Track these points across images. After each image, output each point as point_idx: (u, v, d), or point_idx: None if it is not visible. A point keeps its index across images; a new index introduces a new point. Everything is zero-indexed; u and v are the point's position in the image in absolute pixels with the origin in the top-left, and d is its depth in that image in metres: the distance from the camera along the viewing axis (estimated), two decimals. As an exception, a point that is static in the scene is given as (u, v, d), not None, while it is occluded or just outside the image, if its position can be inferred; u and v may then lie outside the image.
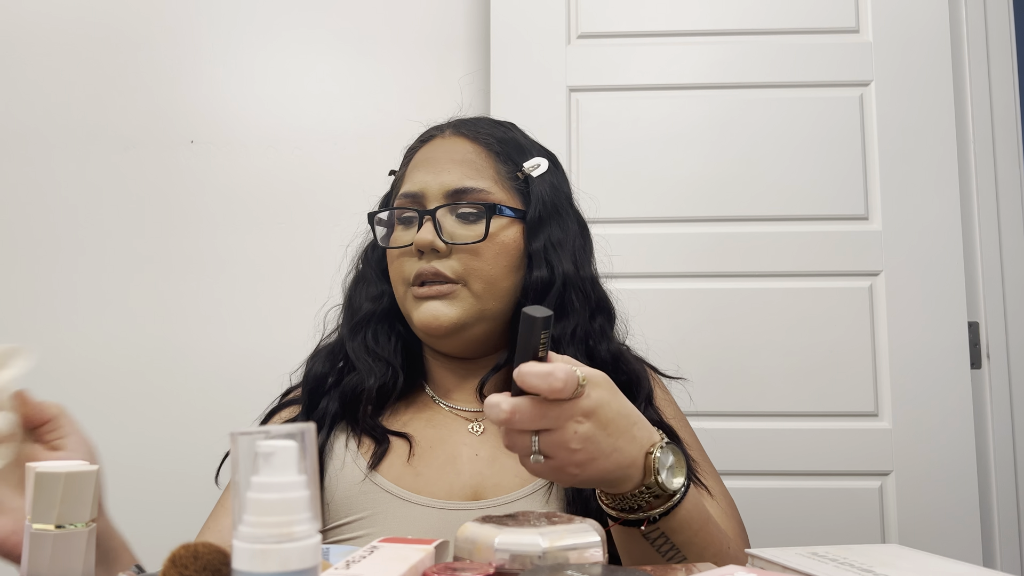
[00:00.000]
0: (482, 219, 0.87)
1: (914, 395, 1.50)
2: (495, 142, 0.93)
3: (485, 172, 0.90)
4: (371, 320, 0.93)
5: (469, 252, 0.87)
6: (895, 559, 0.56)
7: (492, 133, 0.94)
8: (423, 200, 0.89)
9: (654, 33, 1.62)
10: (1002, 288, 1.61)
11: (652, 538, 0.67)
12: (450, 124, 0.96)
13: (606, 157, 1.58)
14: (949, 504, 1.48)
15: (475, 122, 0.96)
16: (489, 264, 0.87)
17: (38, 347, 1.67)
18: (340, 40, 1.71)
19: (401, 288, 0.90)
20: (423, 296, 0.87)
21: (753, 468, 1.51)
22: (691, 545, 0.68)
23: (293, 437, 0.40)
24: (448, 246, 0.86)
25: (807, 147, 1.57)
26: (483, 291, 0.87)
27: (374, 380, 0.89)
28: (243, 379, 1.60)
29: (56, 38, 1.71)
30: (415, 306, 0.87)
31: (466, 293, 0.87)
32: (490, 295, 0.88)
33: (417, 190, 0.89)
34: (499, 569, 0.53)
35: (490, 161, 0.91)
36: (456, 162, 0.90)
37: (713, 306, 1.55)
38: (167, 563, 0.43)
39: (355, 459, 0.86)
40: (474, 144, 0.92)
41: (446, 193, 0.88)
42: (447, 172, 0.89)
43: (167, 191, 1.67)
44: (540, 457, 0.60)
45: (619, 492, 0.65)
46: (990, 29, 1.67)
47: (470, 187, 0.88)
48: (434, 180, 0.89)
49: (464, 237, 0.87)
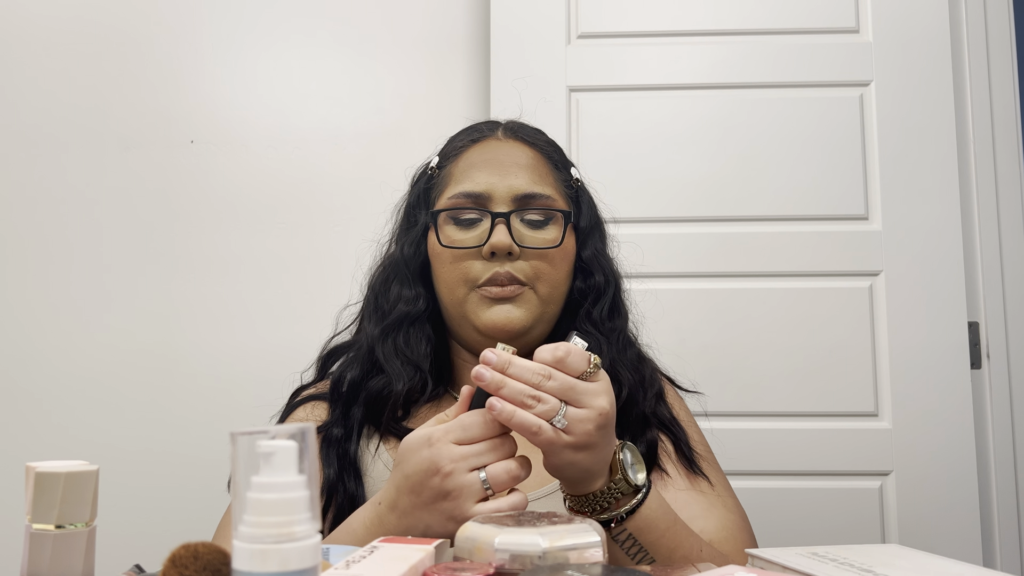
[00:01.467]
0: (548, 224, 0.88)
1: (914, 395, 1.50)
2: (551, 149, 0.95)
3: (547, 179, 0.91)
4: (404, 322, 0.91)
5: (539, 256, 0.87)
6: (895, 559, 0.56)
7: (543, 139, 0.96)
8: (487, 202, 0.88)
9: (654, 33, 1.62)
10: (1002, 288, 1.61)
11: (620, 540, 0.69)
12: (501, 126, 0.96)
13: (606, 157, 1.58)
14: (949, 504, 1.48)
15: (524, 127, 0.97)
16: (556, 269, 0.88)
17: (38, 347, 1.68)
18: (341, 40, 1.71)
19: (462, 289, 0.87)
20: (496, 297, 0.86)
21: (753, 468, 1.51)
22: (658, 546, 0.70)
23: (293, 437, 0.40)
24: (520, 250, 0.86)
25: (807, 147, 1.57)
26: (548, 295, 0.88)
27: (403, 385, 0.87)
28: (244, 379, 1.60)
29: (56, 38, 1.71)
30: (484, 307, 0.86)
31: (532, 296, 0.87)
32: (551, 299, 0.89)
33: (482, 191, 0.88)
34: (499, 569, 0.53)
35: (548, 167, 0.93)
36: (521, 166, 0.90)
37: (713, 306, 1.55)
38: (167, 563, 0.43)
39: (387, 463, 0.86)
40: (533, 150, 0.93)
41: (515, 197, 0.87)
42: (514, 176, 0.89)
43: (167, 191, 1.67)
44: (564, 421, 0.64)
45: (590, 491, 0.68)
46: (990, 29, 1.67)
47: (539, 193, 0.88)
48: (500, 182, 0.88)
49: (536, 241, 0.87)
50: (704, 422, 1.01)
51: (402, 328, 0.91)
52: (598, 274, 0.93)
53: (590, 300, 0.92)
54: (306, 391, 0.95)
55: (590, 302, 0.92)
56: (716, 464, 0.93)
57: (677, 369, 1.05)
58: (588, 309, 0.92)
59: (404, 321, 0.91)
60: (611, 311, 0.93)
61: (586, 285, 0.92)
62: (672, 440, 0.90)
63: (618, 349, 0.91)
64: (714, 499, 0.86)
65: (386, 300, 0.93)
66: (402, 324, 0.91)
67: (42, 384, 1.62)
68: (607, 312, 0.92)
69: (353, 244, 1.01)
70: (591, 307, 0.92)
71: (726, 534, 0.83)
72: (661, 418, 0.90)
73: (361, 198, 1.64)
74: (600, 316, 0.92)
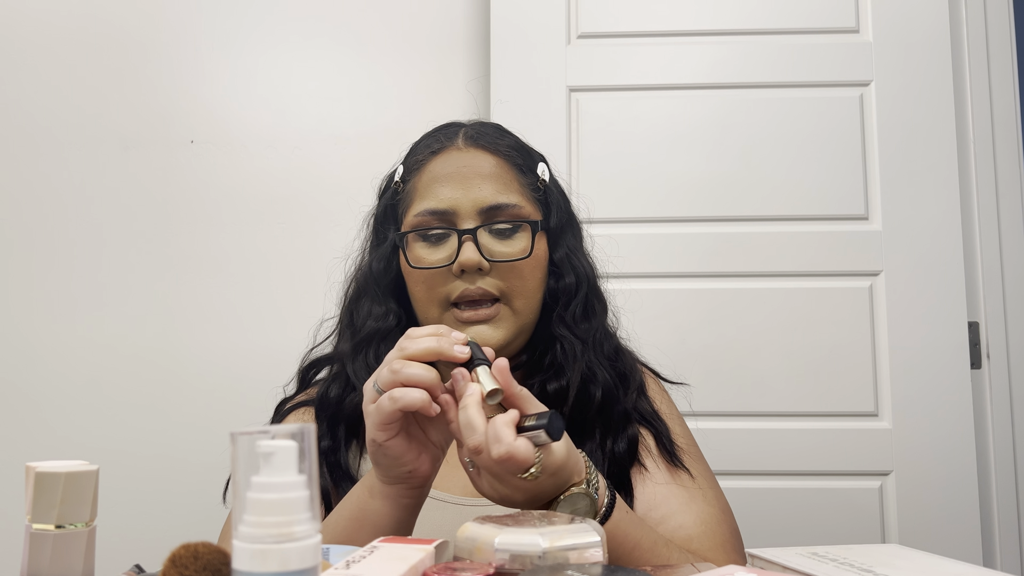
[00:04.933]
0: (517, 234, 0.87)
1: (914, 395, 1.50)
2: (514, 153, 0.92)
3: (512, 186, 0.89)
4: (375, 339, 0.90)
5: (509, 269, 0.86)
6: (895, 559, 0.56)
7: (506, 143, 0.92)
8: (454, 218, 0.86)
9: (654, 33, 1.62)
10: (1002, 288, 1.61)
11: None
12: (461, 135, 0.92)
13: (606, 157, 1.58)
14: (949, 504, 1.48)
15: (484, 131, 0.93)
16: (528, 280, 0.87)
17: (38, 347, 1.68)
18: (340, 40, 1.71)
19: (435, 310, 0.86)
20: (469, 320, 0.85)
21: (753, 468, 1.51)
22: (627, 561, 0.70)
23: (293, 437, 0.40)
24: (491, 264, 0.85)
25: (807, 147, 1.57)
26: (523, 307, 0.87)
27: None
28: (243, 379, 1.60)
29: (56, 38, 1.71)
30: (460, 329, 0.84)
31: (507, 312, 0.86)
32: (528, 310, 0.88)
33: (447, 207, 0.86)
34: (499, 569, 0.53)
35: (513, 174, 0.90)
36: (484, 177, 0.87)
37: (713, 306, 1.55)
38: (167, 563, 0.43)
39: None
40: (495, 156, 0.90)
41: (480, 210, 0.86)
42: (477, 188, 0.87)
43: (167, 191, 1.67)
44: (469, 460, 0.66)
45: None
46: (990, 29, 1.67)
47: (504, 203, 0.86)
48: (464, 196, 0.86)
49: (505, 254, 0.86)
50: (704, 422, 1.01)
51: (372, 344, 0.90)
52: (569, 275, 0.91)
53: (561, 303, 0.90)
54: (294, 399, 0.95)
55: (561, 305, 0.90)
56: (700, 456, 0.93)
57: (678, 370, 1.05)
58: (560, 312, 0.90)
59: (375, 338, 0.90)
60: (584, 311, 0.91)
61: (558, 287, 0.91)
62: (653, 434, 0.89)
63: (594, 347, 0.90)
64: (695, 492, 0.86)
65: (358, 316, 0.92)
66: (372, 340, 0.90)
67: (40, 384, 1.62)
68: (580, 313, 0.91)
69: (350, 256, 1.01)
70: (563, 309, 0.90)
71: (704, 528, 0.83)
72: (642, 412, 0.90)
73: (361, 198, 1.63)
74: (573, 318, 0.91)
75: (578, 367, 0.88)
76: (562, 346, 0.89)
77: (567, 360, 0.88)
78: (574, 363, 0.88)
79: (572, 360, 0.88)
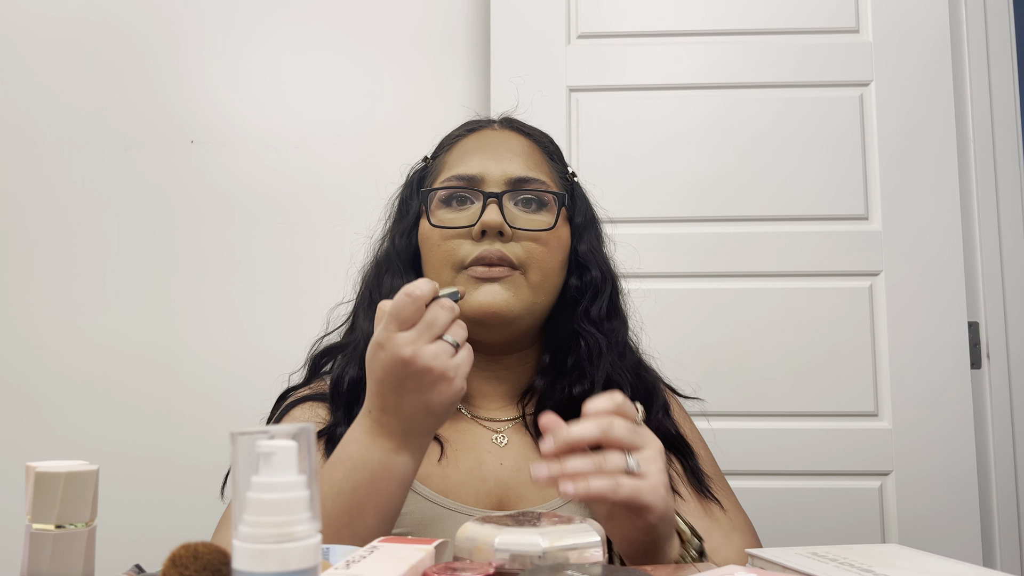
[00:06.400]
0: (543, 210, 0.87)
1: (914, 395, 1.50)
2: (547, 140, 0.94)
3: (542, 167, 0.90)
4: None
5: (532, 239, 0.85)
6: (895, 559, 0.56)
7: (540, 132, 0.95)
8: (481, 184, 0.86)
9: (654, 33, 1.62)
10: (1002, 288, 1.61)
11: None
12: (497, 119, 0.96)
13: (606, 157, 1.58)
14: (949, 504, 1.48)
15: (519, 121, 0.96)
16: (549, 255, 0.86)
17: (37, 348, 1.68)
18: (340, 40, 1.71)
19: (448, 272, 0.85)
20: (483, 277, 0.83)
21: (753, 468, 1.51)
22: None
23: (293, 437, 0.40)
24: (512, 231, 0.84)
25: (807, 147, 1.57)
26: (539, 282, 0.85)
27: None
28: (244, 378, 1.60)
29: (56, 37, 1.71)
30: (471, 288, 0.83)
31: (523, 281, 0.84)
32: (543, 288, 0.86)
33: (475, 173, 0.86)
34: (499, 569, 0.53)
35: (543, 157, 0.92)
36: (516, 153, 0.89)
37: (713, 306, 1.55)
38: (167, 563, 0.43)
39: None
40: (528, 140, 0.92)
41: (508, 180, 0.86)
42: (508, 161, 0.87)
43: (167, 191, 1.67)
44: (636, 463, 0.63)
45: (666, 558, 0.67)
46: (990, 29, 1.67)
47: (533, 177, 0.87)
48: (495, 166, 0.87)
49: (529, 223, 0.85)
50: (704, 422, 1.01)
51: None
52: (594, 269, 0.90)
53: (588, 297, 0.89)
54: (299, 392, 0.92)
55: (588, 299, 0.89)
56: (724, 482, 0.91)
57: (677, 370, 1.04)
58: (587, 307, 0.89)
59: None
60: (609, 311, 0.90)
61: (582, 282, 0.90)
62: (680, 460, 0.87)
63: (618, 353, 0.89)
64: (727, 526, 0.84)
65: (379, 294, 0.90)
66: None
67: (41, 384, 1.62)
68: (605, 311, 0.90)
69: (365, 241, 1.00)
70: (589, 304, 0.89)
71: None
72: (667, 435, 0.87)
73: (361, 198, 1.64)
74: (599, 314, 0.89)
75: (603, 365, 0.86)
76: (586, 343, 0.88)
77: (591, 357, 0.87)
78: (599, 360, 0.87)
79: (597, 357, 0.87)
